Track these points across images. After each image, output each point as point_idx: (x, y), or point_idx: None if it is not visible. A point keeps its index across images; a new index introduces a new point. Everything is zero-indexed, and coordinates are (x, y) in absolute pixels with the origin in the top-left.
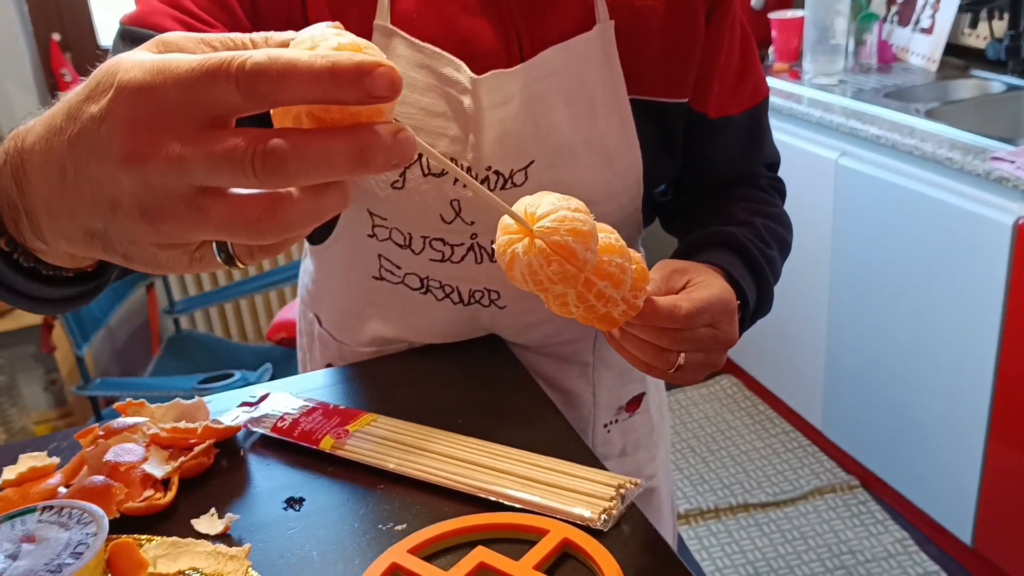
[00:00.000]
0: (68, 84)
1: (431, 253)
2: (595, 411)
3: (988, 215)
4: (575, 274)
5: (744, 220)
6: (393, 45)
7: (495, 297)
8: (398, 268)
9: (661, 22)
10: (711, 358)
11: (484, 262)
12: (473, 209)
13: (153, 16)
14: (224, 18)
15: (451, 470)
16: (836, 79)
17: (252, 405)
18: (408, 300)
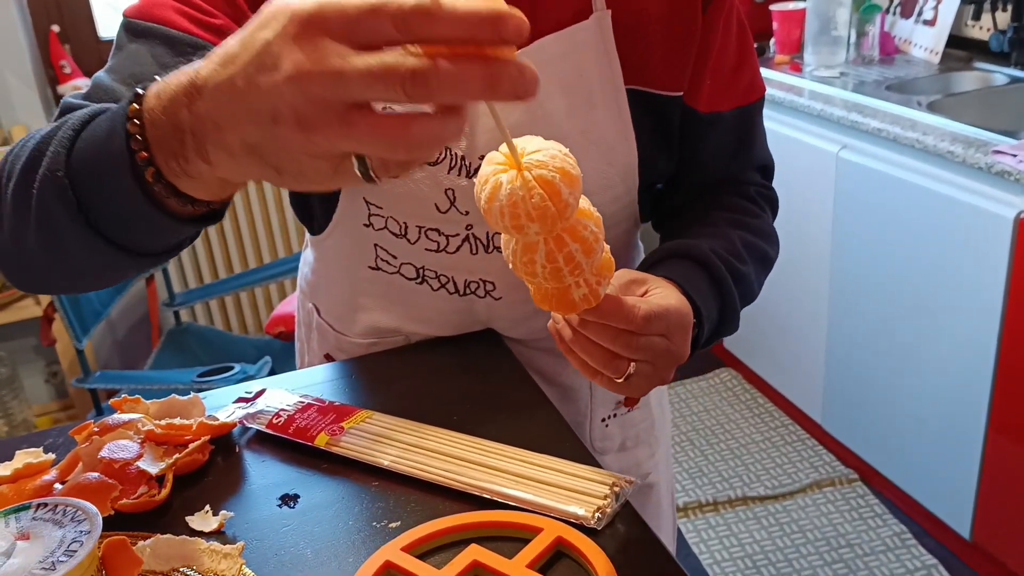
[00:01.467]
0: (68, 76)
1: (426, 243)
2: (592, 405)
3: (989, 208)
4: (554, 216)
5: (722, 233)
6: None
7: (490, 288)
8: (394, 258)
9: (659, 12)
10: (660, 372)
11: (479, 253)
12: (467, 199)
13: (156, 9)
14: (227, 9)
15: (445, 467)
16: (837, 71)
17: (248, 401)
18: (404, 290)
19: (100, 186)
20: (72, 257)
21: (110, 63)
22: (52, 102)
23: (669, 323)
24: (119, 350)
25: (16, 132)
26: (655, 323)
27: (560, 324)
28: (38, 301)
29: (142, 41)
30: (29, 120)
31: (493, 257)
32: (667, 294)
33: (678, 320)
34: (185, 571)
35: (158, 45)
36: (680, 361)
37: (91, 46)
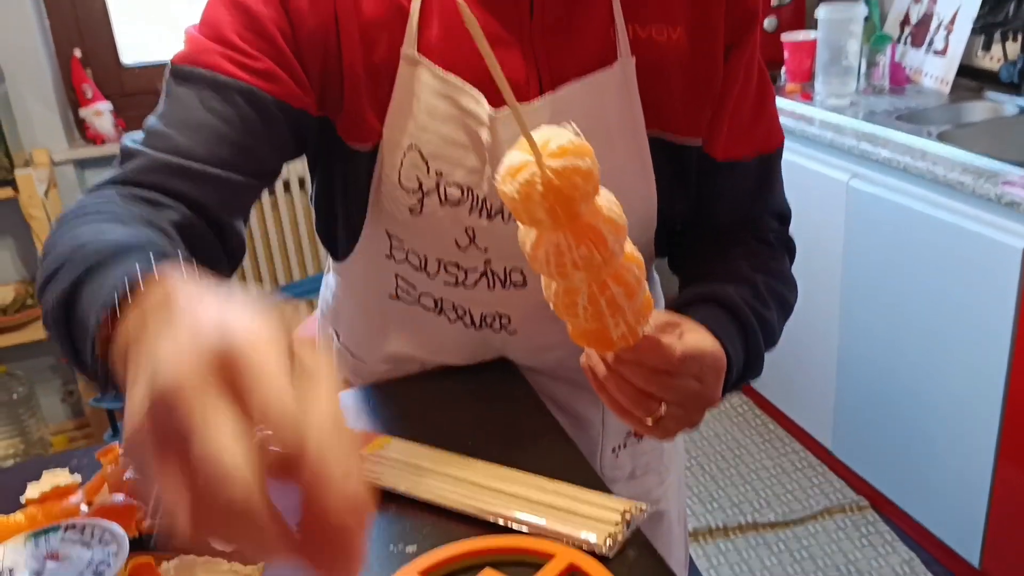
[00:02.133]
0: (89, 100)
1: (445, 276)
2: (603, 435)
3: (999, 239)
4: (600, 264)
5: (745, 277)
6: (419, 73)
7: (506, 322)
8: (413, 288)
9: (682, 60)
10: (690, 415)
11: (496, 288)
12: (487, 237)
13: (204, 55)
14: (268, 49)
15: (461, 492)
16: (848, 100)
17: None
18: (422, 320)
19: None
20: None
21: (161, 108)
22: (73, 125)
23: (703, 365)
24: None
25: (37, 155)
26: (690, 364)
27: (594, 361)
28: None
29: (189, 86)
30: (50, 143)
31: (510, 292)
32: (702, 337)
33: (712, 363)
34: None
35: (205, 89)
36: (711, 405)
37: (112, 70)
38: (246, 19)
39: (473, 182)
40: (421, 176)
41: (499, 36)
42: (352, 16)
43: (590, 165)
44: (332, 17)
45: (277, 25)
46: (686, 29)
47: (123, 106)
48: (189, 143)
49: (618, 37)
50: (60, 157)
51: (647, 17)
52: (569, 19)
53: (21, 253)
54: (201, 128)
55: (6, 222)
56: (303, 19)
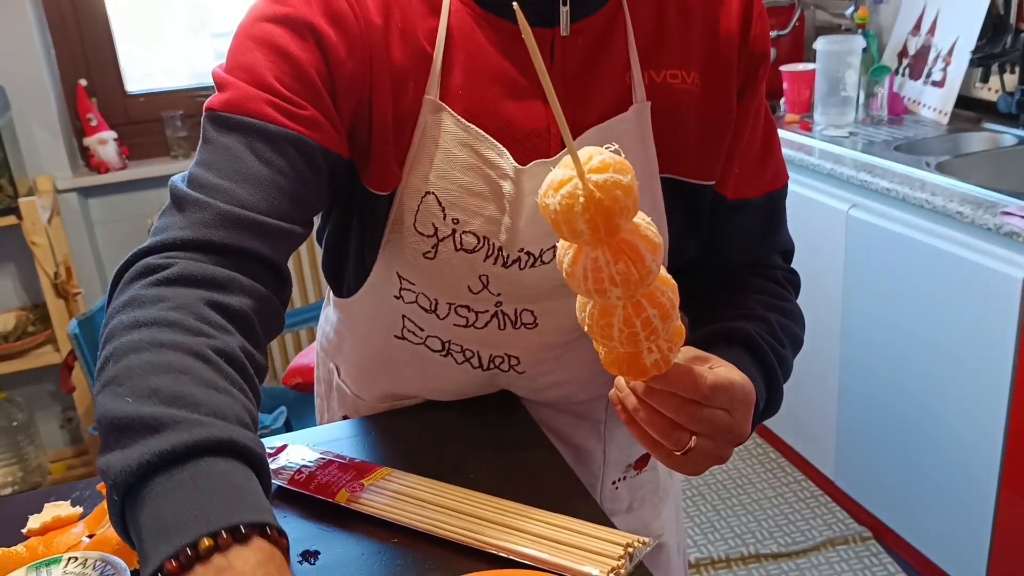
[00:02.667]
0: (94, 128)
1: (455, 319)
2: (604, 468)
3: (998, 269)
4: (637, 282)
5: (759, 316)
6: (442, 120)
7: (514, 363)
8: (420, 330)
9: (697, 103)
10: (720, 448)
11: (507, 328)
12: (500, 283)
13: (249, 103)
14: (307, 95)
15: (463, 526)
16: (847, 131)
17: (270, 457)
18: (427, 361)
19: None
20: None
21: (205, 157)
22: (77, 153)
23: (734, 397)
24: None
25: (41, 182)
26: (720, 395)
27: (624, 393)
28: (57, 348)
29: (237, 136)
30: (54, 170)
31: (520, 333)
32: (731, 370)
33: (743, 396)
34: None
35: (256, 140)
36: (740, 440)
37: (117, 99)
38: (287, 65)
39: (490, 232)
40: (437, 223)
41: (520, 85)
42: (384, 63)
43: (631, 181)
44: (368, 64)
45: (316, 70)
46: (701, 73)
47: (127, 134)
48: (252, 197)
49: (634, 83)
50: (64, 185)
51: (663, 63)
52: (588, 67)
53: (23, 280)
54: (261, 182)
55: (9, 249)
56: (341, 65)
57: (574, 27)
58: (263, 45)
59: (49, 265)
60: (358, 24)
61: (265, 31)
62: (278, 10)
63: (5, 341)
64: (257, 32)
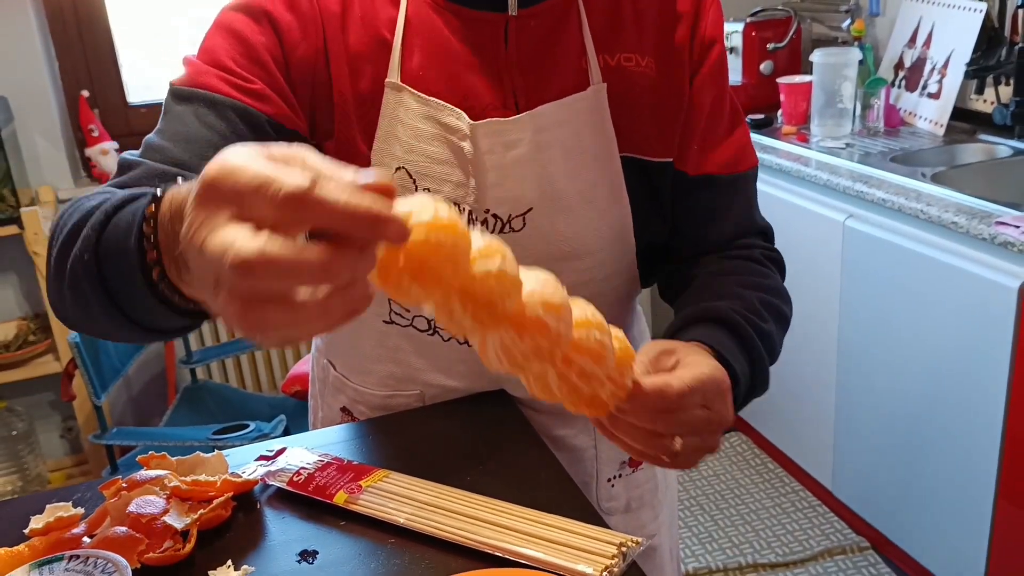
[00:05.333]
0: (96, 139)
1: None
2: (598, 465)
3: (993, 279)
4: (550, 350)
5: (736, 294)
6: (403, 99)
7: None
8: (407, 311)
9: (650, 86)
10: (707, 441)
11: None
12: None
13: (201, 76)
14: (262, 74)
15: (459, 526)
16: (843, 142)
17: (269, 459)
18: (417, 341)
19: (119, 273)
20: (98, 322)
21: (159, 126)
22: (80, 164)
23: (706, 393)
24: (133, 406)
25: (43, 192)
26: (692, 397)
27: None
28: (58, 357)
29: (186, 104)
30: (56, 181)
31: None
32: (699, 361)
33: (714, 388)
34: None
35: (201, 107)
36: (725, 426)
37: (119, 110)
38: (241, 46)
39: (459, 196)
40: (410, 194)
41: (475, 65)
42: (340, 47)
43: (500, 264)
44: (322, 47)
45: (270, 52)
46: (654, 58)
47: (129, 145)
48: (184, 155)
49: (590, 66)
50: (66, 195)
51: (617, 47)
52: (543, 49)
53: (24, 290)
54: (196, 141)
55: (10, 259)
56: (295, 47)
57: (527, 11)
58: (223, 30)
59: None
60: (313, 10)
61: (228, 18)
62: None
63: (6, 350)
64: (222, 19)
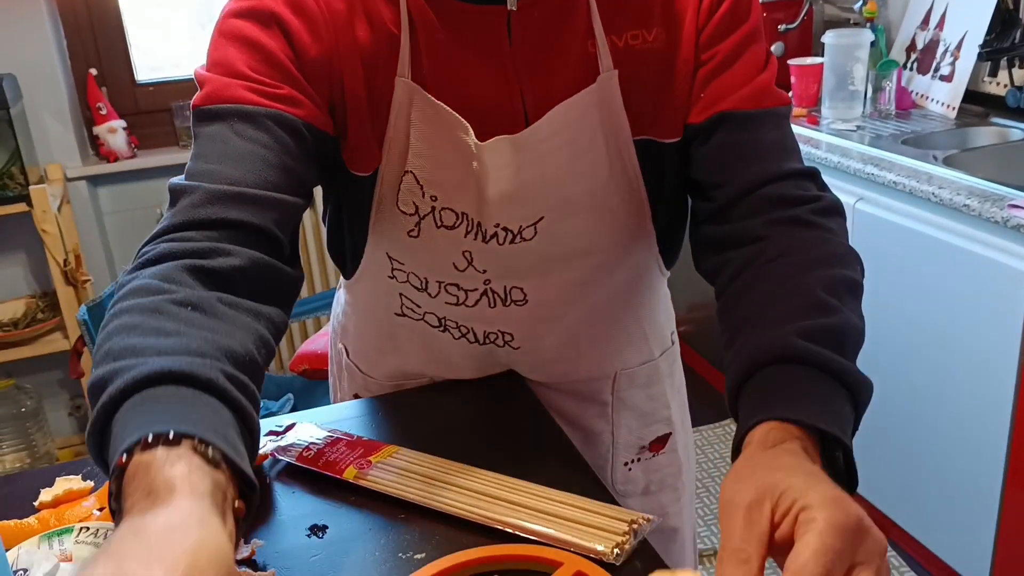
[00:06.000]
0: (104, 117)
1: (446, 297)
2: (614, 450)
3: (1005, 262)
4: None
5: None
6: (415, 99)
7: (509, 339)
8: (418, 307)
9: (660, 61)
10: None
11: (497, 306)
12: (484, 259)
13: (226, 90)
14: (281, 77)
15: (469, 502)
16: (854, 125)
17: (279, 434)
18: (428, 336)
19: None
20: None
21: (196, 151)
22: (87, 142)
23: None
24: None
25: (51, 170)
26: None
27: None
28: (66, 335)
29: (219, 123)
30: (64, 159)
31: (511, 310)
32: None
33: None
34: None
35: (236, 122)
36: (882, 551)
37: (127, 89)
38: (256, 53)
39: (467, 207)
40: (417, 200)
41: (479, 66)
42: (352, 47)
43: None
44: (334, 48)
45: (285, 55)
46: (661, 27)
47: (137, 124)
48: (238, 173)
49: (599, 51)
50: (74, 173)
51: (624, 25)
52: (548, 40)
53: (33, 268)
54: (244, 157)
55: (19, 237)
56: (306, 50)
57: (527, 1)
58: (233, 39)
59: (59, 252)
60: (320, 10)
61: (234, 26)
62: (243, 5)
63: (15, 328)
64: (227, 28)
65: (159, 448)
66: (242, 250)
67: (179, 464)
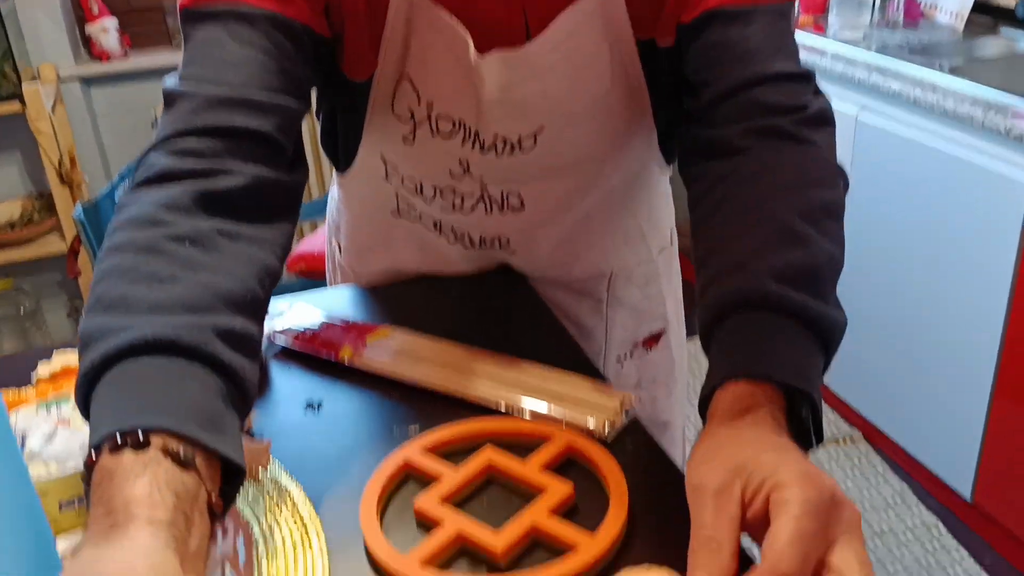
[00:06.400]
0: (95, 16)
1: (441, 202)
2: (607, 346)
3: (1006, 173)
4: None
5: (769, 217)
6: (414, 4)
7: (505, 244)
8: (413, 208)
9: None
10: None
11: (494, 213)
12: (480, 167)
13: None
14: None
15: (463, 380)
16: (861, 33)
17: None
18: (424, 238)
19: None
20: None
21: (187, 56)
22: (79, 41)
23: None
24: None
25: (44, 70)
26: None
27: None
28: (63, 236)
29: (212, 24)
30: (57, 59)
31: (508, 216)
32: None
33: (817, 518)
34: None
35: (232, 23)
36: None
37: None
38: None
39: (465, 116)
40: (413, 107)
41: None
42: None
43: None
44: None
45: None
46: None
47: (129, 22)
48: (238, 78)
49: None
50: (66, 73)
51: None
52: None
53: (28, 167)
54: (242, 62)
55: (13, 136)
56: None
57: None
58: None
59: (53, 152)
60: None
61: None
62: None
63: (11, 229)
64: None
65: (126, 453)
66: (244, 167)
67: (141, 481)
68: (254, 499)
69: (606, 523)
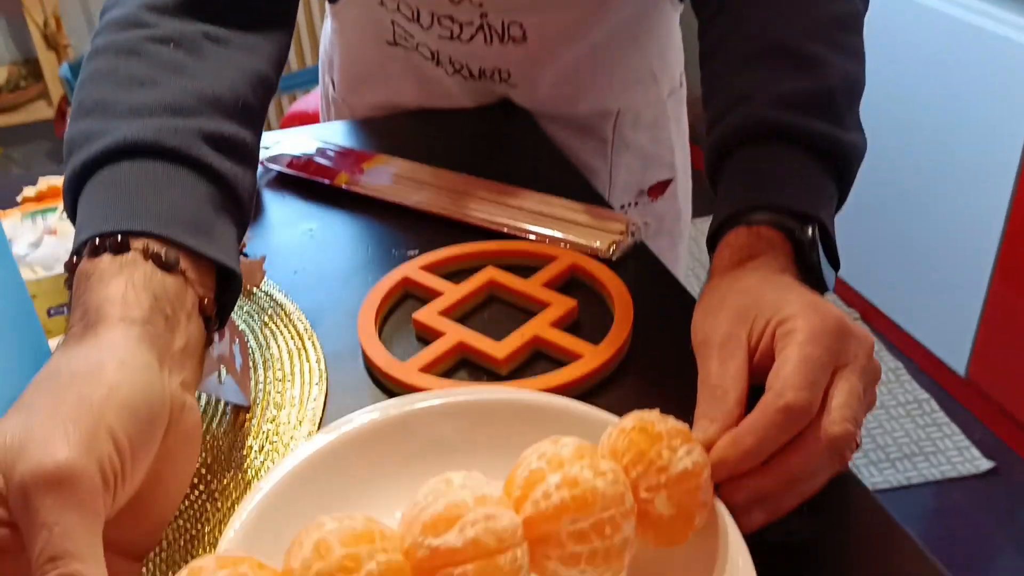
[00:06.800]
0: None
1: (439, 30)
2: (610, 191)
3: (1015, 38)
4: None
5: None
6: None
7: (506, 76)
8: (411, 36)
9: None
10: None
11: (494, 43)
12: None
13: None
14: None
15: (464, 204)
16: None
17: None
18: (422, 68)
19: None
20: None
21: None
22: None
23: (823, 365)
24: None
25: None
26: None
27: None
28: (50, 103)
29: None
30: None
31: (508, 47)
32: (786, 315)
33: (831, 348)
34: None
35: None
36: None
37: None
38: None
39: None
40: None
41: None
42: None
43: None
44: None
45: None
46: None
47: None
48: None
49: None
50: None
51: None
52: None
53: (13, 33)
54: None
55: None
56: None
57: None
58: None
59: (38, 15)
60: None
61: None
62: None
63: None
64: None
65: (104, 256)
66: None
67: (116, 281)
68: (248, 313)
69: (611, 335)
